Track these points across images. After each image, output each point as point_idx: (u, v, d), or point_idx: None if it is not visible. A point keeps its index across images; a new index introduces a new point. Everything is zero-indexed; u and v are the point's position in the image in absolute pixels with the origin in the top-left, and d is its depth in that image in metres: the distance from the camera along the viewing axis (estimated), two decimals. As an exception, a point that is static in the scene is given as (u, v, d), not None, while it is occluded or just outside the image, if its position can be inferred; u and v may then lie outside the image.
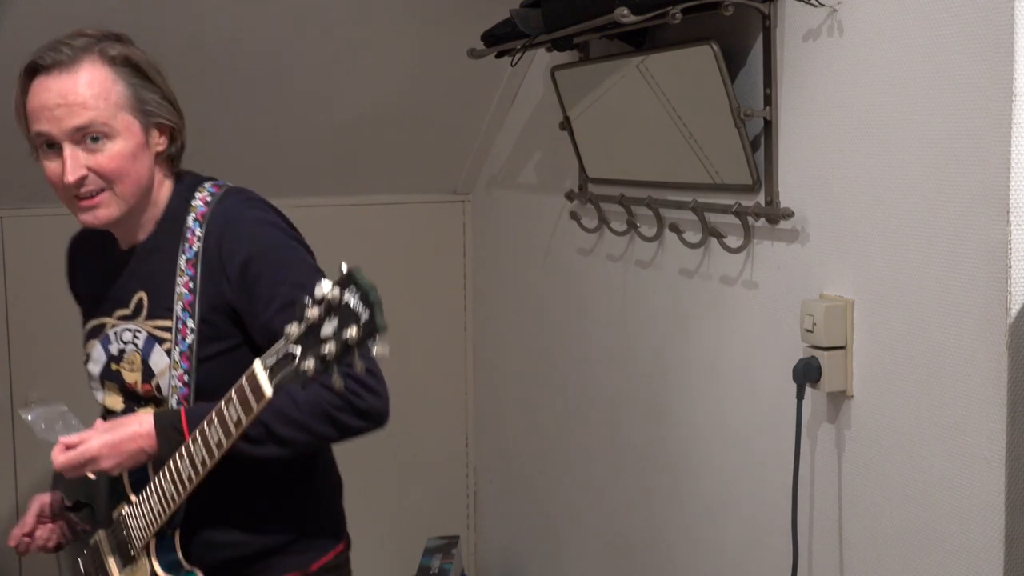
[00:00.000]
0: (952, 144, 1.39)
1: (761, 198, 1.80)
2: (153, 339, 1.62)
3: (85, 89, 1.53)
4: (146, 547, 1.59)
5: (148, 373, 1.62)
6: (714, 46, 1.74)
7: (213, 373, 1.57)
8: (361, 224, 3.12)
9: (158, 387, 1.62)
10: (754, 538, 1.89)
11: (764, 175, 1.78)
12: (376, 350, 1.19)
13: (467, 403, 3.31)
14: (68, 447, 1.53)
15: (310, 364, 1.23)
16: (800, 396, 1.65)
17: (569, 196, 2.46)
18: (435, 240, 3.22)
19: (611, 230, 2.30)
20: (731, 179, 1.86)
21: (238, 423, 1.38)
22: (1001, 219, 1.31)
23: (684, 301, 2.08)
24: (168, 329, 1.59)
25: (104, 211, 1.57)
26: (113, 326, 1.68)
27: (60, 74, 1.53)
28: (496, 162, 3.01)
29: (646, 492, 2.27)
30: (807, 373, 1.62)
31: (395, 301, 2.21)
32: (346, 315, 1.20)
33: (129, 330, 1.65)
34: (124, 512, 1.62)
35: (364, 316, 1.18)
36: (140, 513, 1.58)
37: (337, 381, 1.24)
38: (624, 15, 1.70)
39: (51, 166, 1.57)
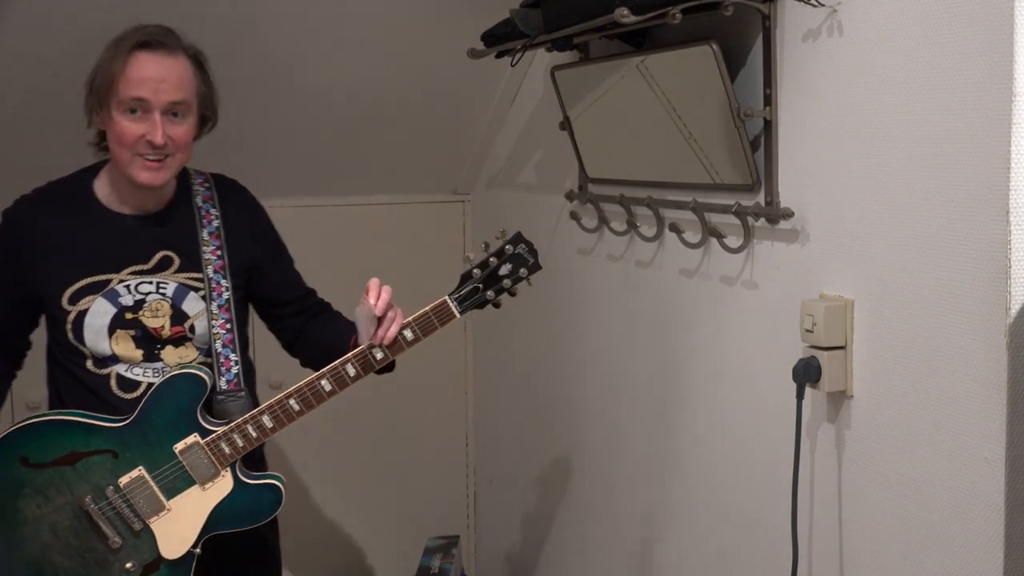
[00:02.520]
0: (952, 144, 1.39)
1: (761, 198, 1.80)
2: (186, 287, 1.93)
3: (183, 73, 1.87)
4: (233, 464, 1.87)
5: (180, 317, 1.92)
6: (714, 46, 1.74)
7: (239, 318, 1.98)
8: (361, 224, 3.12)
9: (191, 328, 1.92)
10: (754, 538, 1.89)
11: (764, 175, 1.78)
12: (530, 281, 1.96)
13: (467, 403, 3.31)
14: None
15: (491, 294, 1.93)
16: (800, 396, 1.65)
17: (569, 196, 2.46)
18: (435, 240, 3.22)
19: (611, 230, 2.30)
20: (731, 179, 1.86)
21: (412, 342, 1.90)
22: (1001, 219, 1.31)
23: (684, 301, 2.08)
24: (200, 280, 1.93)
25: (164, 173, 1.87)
26: (122, 281, 1.90)
27: (166, 56, 1.85)
28: (496, 162, 3.01)
29: (646, 492, 2.27)
30: (807, 373, 1.63)
31: (395, 301, 2.22)
32: (517, 260, 1.94)
33: (148, 282, 1.91)
34: (200, 440, 1.85)
35: (531, 260, 1.94)
36: (235, 435, 1.85)
37: (500, 303, 1.95)
38: (624, 15, 1.70)
39: (132, 127, 1.83)
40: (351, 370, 1.87)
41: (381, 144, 2.93)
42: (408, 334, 1.89)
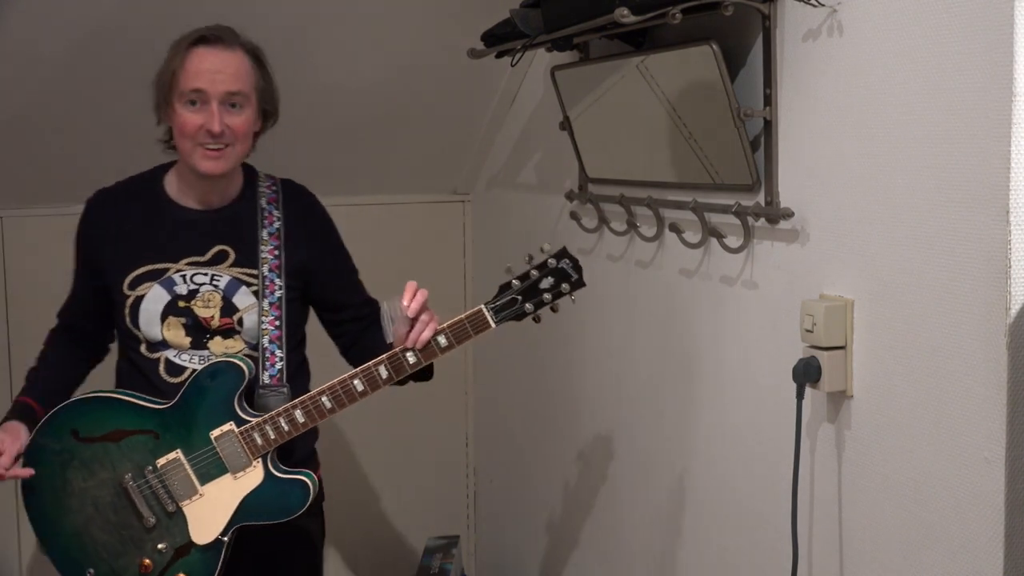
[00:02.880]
0: (952, 144, 1.39)
1: (761, 198, 1.80)
2: (238, 282, 1.99)
3: (240, 65, 1.93)
4: (265, 456, 1.90)
5: (230, 309, 1.98)
6: (714, 46, 1.74)
7: (289, 317, 2.02)
8: (361, 224, 3.11)
9: (240, 321, 1.98)
10: (754, 538, 1.89)
11: (764, 175, 1.78)
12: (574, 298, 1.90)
13: (467, 403, 3.31)
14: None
15: (530, 307, 1.88)
16: (800, 396, 1.65)
17: (569, 196, 2.46)
18: (435, 240, 3.22)
19: (611, 230, 2.30)
20: (731, 179, 1.86)
21: (445, 348, 1.88)
22: (1001, 219, 1.31)
23: (684, 301, 2.08)
24: (253, 276, 1.99)
25: (223, 162, 1.94)
26: (179, 271, 1.98)
27: (223, 50, 1.92)
28: (496, 162, 3.01)
29: (646, 492, 2.27)
30: (807, 373, 1.62)
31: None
32: (560, 275, 1.88)
33: (203, 274, 1.98)
34: (235, 429, 1.89)
35: (575, 276, 1.88)
36: (268, 426, 1.89)
37: (540, 317, 1.91)
38: (624, 15, 1.70)
39: (192, 117, 1.90)
40: (383, 372, 1.89)
41: (381, 144, 2.93)
42: (442, 340, 1.88)
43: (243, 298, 1.99)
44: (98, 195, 2.08)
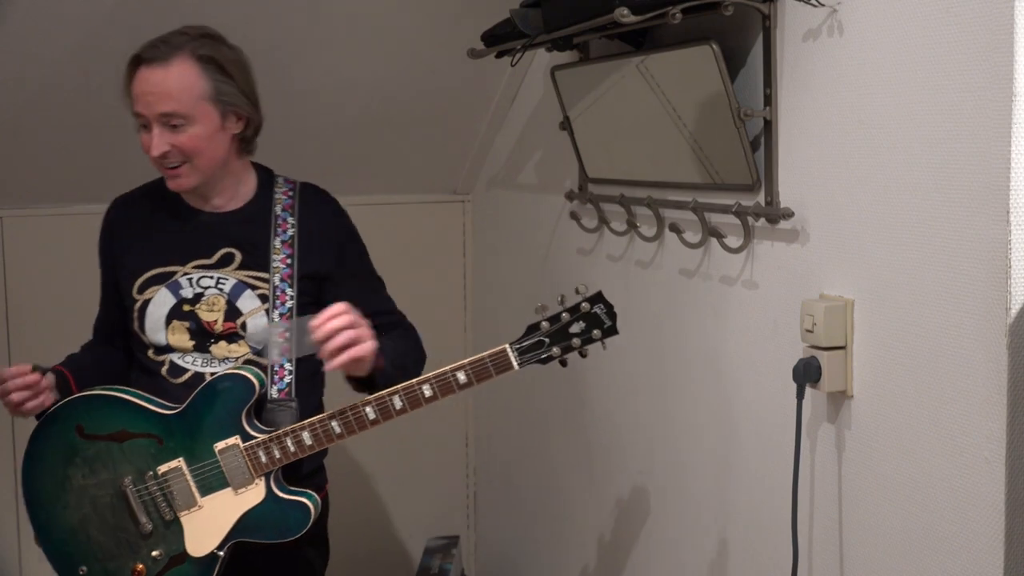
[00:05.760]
0: (952, 144, 1.39)
1: (761, 198, 1.80)
2: (244, 285, 1.96)
3: (173, 83, 1.85)
4: (268, 474, 1.87)
5: (234, 313, 1.95)
6: (714, 46, 1.74)
7: None
8: (361, 224, 3.11)
9: (243, 325, 1.95)
10: (754, 538, 1.89)
11: (764, 175, 1.78)
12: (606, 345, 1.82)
13: (467, 403, 3.31)
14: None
15: (557, 351, 1.81)
16: (800, 396, 1.65)
17: (569, 196, 2.46)
18: (435, 240, 3.22)
19: (611, 230, 2.30)
20: (731, 179, 1.86)
21: (464, 385, 1.81)
22: (1001, 219, 1.31)
23: (684, 301, 2.08)
24: (261, 280, 1.95)
25: (184, 180, 1.92)
26: (186, 274, 1.96)
27: (156, 68, 1.86)
28: (496, 162, 3.01)
29: (646, 492, 2.27)
30: (807, 373, 1.62)
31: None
32: (592, 320, 1.80)
33: (210, 277, 1.96)
34: (240, 444, 1.86)
35: (608, 323, 1.80)
36: (274, 446, 1.85)
37: (567, 361, 1.83)
38: (624, 15, 1.70)
39: (145, 139, 1.90)
40: (397, 402, 1.82)
41: (381, 144, 2.93)
42: (461, 376, 1.81)
43: (248, 302, 1.96)
44: (115, 202, 2.08)
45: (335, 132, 2.84)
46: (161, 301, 1.96)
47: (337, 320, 1.77)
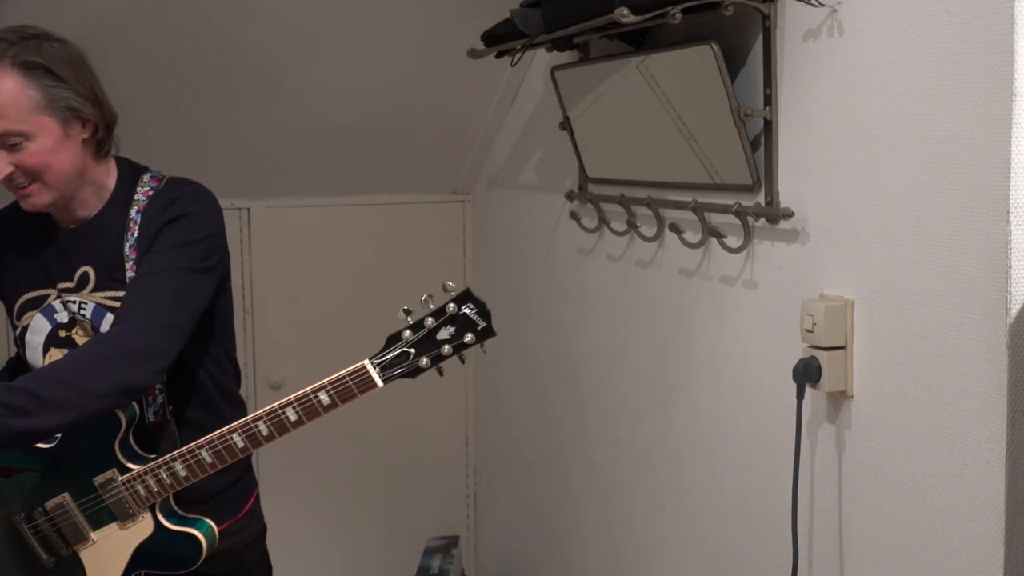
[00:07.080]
0: (952, 144, 1.39)
1: (761, 198, 1.80)
2: (103, 308, 1.77)
3: None
4: (152, 506, 1.73)
5: None
6: (714, 46, 1.74)
7: None
8: (361, 224, 3.12)
9: None
10: (754, 538, 1.89)
11: (764, 175, 1.78)
12: (484, 349, 1.63)
13: (467, 403, 3.31)
14: None
15: (426, 361, 1.61)
16: (800, 396, 1.65)
17: (569, 196, 2.46)
18: (435, 240, 3.22)
19: (611, 230, 2.30)
20: (731, 179, 1.86)
21: (329, 407, 1.62)
22: (1001, 219, 1.31)
23: (684, 301, 2.08)
24: (117, 300, 1.74)
25: (37, 199, 1.72)
26: (57, 297, 1.80)
27: None
28: (496, 162, 3.01)
29: (646, 492, 2.27)
30: (807, 373, 1.62)
31: (395, 301, 2.21)
32: (462, 323, 1.60)
33: (74, 301, 1.78)
34: (118, 478, 1.71)
35: (481, 324, 1.61)
36: (149, 478, 1.69)
37: (443, 370, 1.64)
38: (624, 15, 1.70)
39: None
40: (263, 428, 1.66)
41: (381, 144, 2.93)
42: (323, 398, 1.63)
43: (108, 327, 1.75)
44: None
45: (335, 132, 2.84)
46: (38, 328, 1.80)
47: None
